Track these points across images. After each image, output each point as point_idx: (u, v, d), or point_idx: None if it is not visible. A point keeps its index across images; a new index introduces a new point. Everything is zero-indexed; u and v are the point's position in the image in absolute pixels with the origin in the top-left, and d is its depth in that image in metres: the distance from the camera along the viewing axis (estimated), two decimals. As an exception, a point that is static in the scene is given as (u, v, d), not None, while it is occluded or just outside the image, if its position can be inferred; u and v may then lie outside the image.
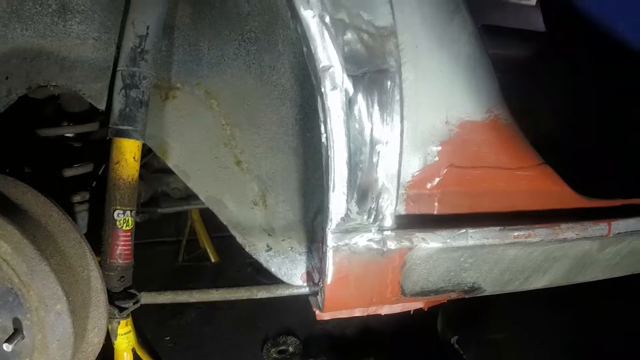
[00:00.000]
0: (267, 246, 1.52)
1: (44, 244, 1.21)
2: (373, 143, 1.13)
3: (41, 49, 1.31)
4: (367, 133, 1.12)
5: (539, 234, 1.33)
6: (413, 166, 1.22)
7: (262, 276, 2.42)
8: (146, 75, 1.29)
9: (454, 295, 1.48)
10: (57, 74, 1.33)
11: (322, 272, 1.27)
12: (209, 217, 2.60)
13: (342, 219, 1.19)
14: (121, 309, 1.44)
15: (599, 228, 1.39)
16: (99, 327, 1.38)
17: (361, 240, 1.22)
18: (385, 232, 1.23)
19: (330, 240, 1.21)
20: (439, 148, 1.23)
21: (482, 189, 1.30)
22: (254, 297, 1.57)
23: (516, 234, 1.31)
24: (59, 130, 1.59)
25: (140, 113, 1.31)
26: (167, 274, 2.55)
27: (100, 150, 1.65)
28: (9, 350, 1.18)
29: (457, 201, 1.29)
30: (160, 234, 2.82)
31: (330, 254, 1.22)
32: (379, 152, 1.14)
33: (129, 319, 1.60)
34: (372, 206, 1.19)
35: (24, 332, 1.17)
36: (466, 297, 1.53)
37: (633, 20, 1.75)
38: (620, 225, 1.42)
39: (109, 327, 1.50)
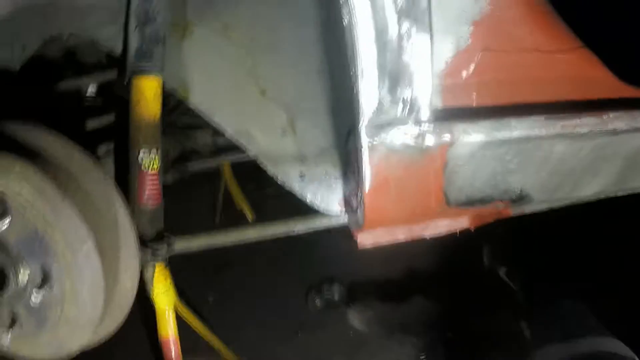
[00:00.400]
0: (301, 173, 1.47)
1: (67, 184, 1.17)
2: (400, 20, 1.07)
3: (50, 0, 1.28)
4: (392, 7, 1.06)
5: (586, 123, 1.24)
6: (445, 51, 1.15)
7: None
8: (160, 11, 1.26)
9: (501, 206, 1.40)
10: (70, 22, 1.32)
11: (359, 177, 1.21)
12: (243, 177, 2.56)
13: (375, 111, 1.13)
14: (155, 252, 1.40)
15: (650, 117, 1.30)
16: (131, 269, 1.33)
17: (397, 136, 1.16)
18: (423, 126, 1.16)
19: (364, 138, 1.14)
20: (472, 28, 1.16)
21: (520, 76, 1.23)
22: (292, 231, 1.53)
23: (563, 123, 1.23)
24: (78, 81, 1.56)
25: (158, 49, 1.28)
26: None
27: (122, 100, 1.63)
28: (39, 300, 1.14)
29: (495, 91, 1.22)
30: (194, 199, 2.77)
31: (365, 154, 1.16)
32: (407, 31, 1.08)
33: (168, 276, 1.55)
34: (406, 95, 1.13)
35: (53, 280, 1.13)
36: (515, 209, 1.46)
37: None
38: (672, 113, 1.33)
39: (145, 276, 1.46)
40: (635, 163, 1.41)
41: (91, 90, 1.61)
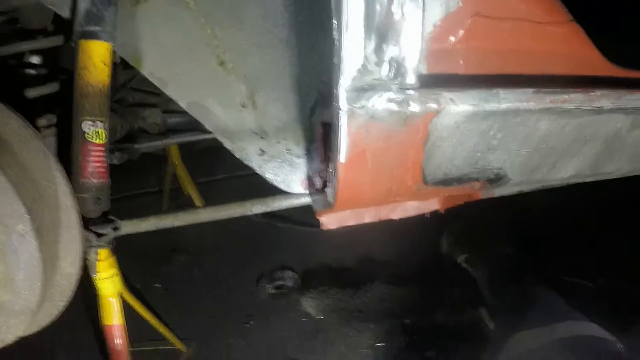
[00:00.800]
0: (260, 150, 1.37)
1: (0, 153, 1.05)
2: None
3: None
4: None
5: (574, 99, 1.19)
6: (434, 13, 1.07)
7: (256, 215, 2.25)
8: None
9: (477, 187, 1.34)
10: None
11: (333, 146, 1.11)
12: (191, 162, 2.44)
13: (359, 70, 1.03)
14: (99, 235, 1.28)
15: (635, 98, 1.26)
16: (72, 253, 1.21)
17: (380, 101, 1.06)
18: (408, 91, 1.07)
19: (344, 101, 1.04)
20: (463, -10, 1.08)
21: (510, 46, 1.16)
22: (248, 212, 1.43)
23: (551, 97, 1.17)
24: (19, 46, 1.41)
25: (109, 12, 1.19)
26: None
27: (66, 71, 1.49)
28: None
29: (484, 59, 1.15)
30: (141, 185, 2.66)
31: (344, 120, 1.06)
32: (399, -19, 0.98)
33: (114, 261, 1.42)
34: (393, 55, 1.03)
35: None
36: (490, 191, 1.40)
37: None
38: (657, 95, 1.30)
39: (87, 259, 1.33)
40: (612, 148, 1.39)
41: (36, 59, 1.45)
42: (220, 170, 2.66)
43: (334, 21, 1.00)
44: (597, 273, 1.95)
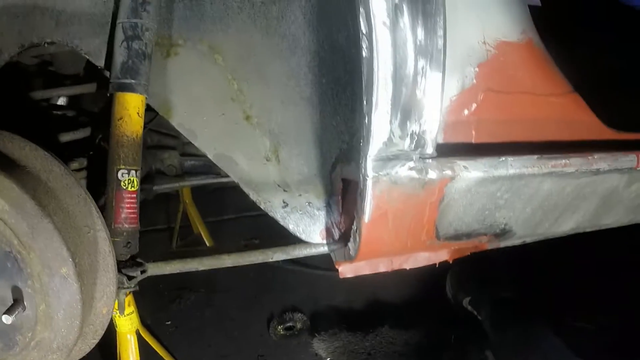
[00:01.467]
0: (283, 202, 1.48)
1: (46, 200, 1.12)
2: (417, 57, 1.12)
3: (34, 4, 1.26)
4: (411, 45, 1.10)
5: (574, 163, 1.33)
6: (451, 89, 1.21)
7: None
8: (149, 27, 1.26)
9: (484, 240, 1.47)
10: (53, 30, 1.28)
11: (359, 207, 1.24)
12: (201, 201, 2.55)
13: (385, 143, 1.16)
14: (129, 278, 1.37)
15: (629, 159, 1.41)
16: (107, 295, 1.29)
17: (403, 170, 1.19)
18: (427, 160, 1.21)
19: (371, 169, 1.17)
20: (477, 70, 1.22)
21: (517, 116, 1.30)
22: (270, 259, 1.52)
23: (553, 162, 1.31)
24: (54, 92, 1.52)
25: (144, 66, 1.27)
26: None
27: (96, 116, 1.60)
28: (9, 323, 1.09)
29: (493, 129, 1.29)
30: (151, 222, 2.74)
31: (369, 185, 1.19)
32: (422, 68, 1.13)
33: (132, 300, 1.52)
34: (415, 129, 1.17)
35: (25, 302, 1.08)
36: (496, 243, 1.53)
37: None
38: (650, 155, 1.45)
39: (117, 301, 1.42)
40: (609, 201, 1.53)
41: (62, 101, 1.56)
42: (230, 210, 2.77)
43: (365, 100, 1.13)
44: (596, 312, 2.06)
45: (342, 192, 1.40)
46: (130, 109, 1.28)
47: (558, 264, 2.25)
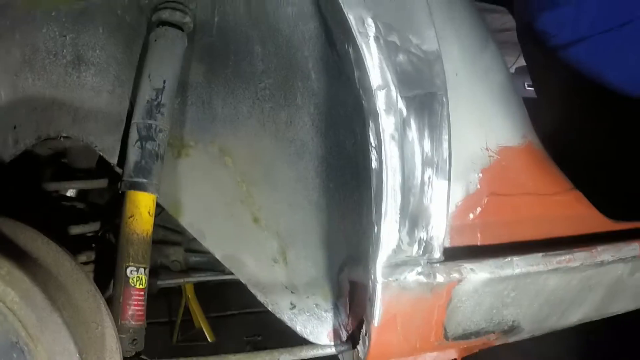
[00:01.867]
0: (291, 304, 1.50)
1: (56, 294, 1.13)
2: (424, 167, 1.15)
3: (53, 99, 1.31)
4: (419, 156, 1.14)
5: (578, 257, 1.36)
6: (456, 196, 1.25)
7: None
8: (162, 129, 1.31)
9: (492, 338, 1.48)
10: (69, 125, 1.34)
11: (368, 312, 1.25)
12: (203, 296, 2.55)
13: (394, 250, 1.19)
14: None
15: (632, 248, 1.44)
16: None
17: (411, 275, 1.22)
18: (435, 265, 1.23)
19: (380, 275, 1.20)
20: (480, 175, 1.27)
21: (521, 217, 1.34)
22: (277, 360, 1.53)
23: (558, 259, 1.34)
24: (66, 184, 1.55)
25: (156, 166, 1.31)
26: (162, 356, 2.46)
27: (103, 210, 1.62)
28: None
29: (498, 231, 1.32)
30: (152, 315, 2.72)
31: (379, 290, 1.21)
32: (429, 177, 1.16)
33: None
34: (423, 236, 1.20)
35: None
36: (504, 339, 1.54)
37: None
38: (649, 243, 1.49)
39: None
40: (615, 291, 1.55)
41: (71, 193, 1.60)
42: (232, 306, 2.78)
43: (374, 210, 1.16)
44: None
45: (350, 294, 1.42)
46: (142, 208, 1.30)
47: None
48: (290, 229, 1.48)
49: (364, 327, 1.31)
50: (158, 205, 1.45)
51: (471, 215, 1.27)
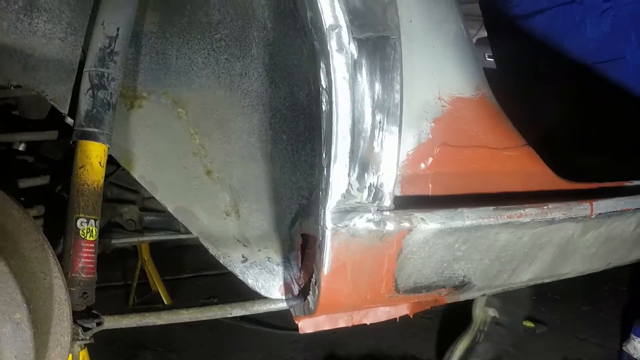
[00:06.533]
0: (243, 257, 1.56)
1: (2, 242, 1.17)
2: (375, 111, 1.23)
3: (3, 46, 1.32)
4: (369, 100, 1.21)
5: (529, 213, 1.46)
6: (407, 144, 1.33)
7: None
8: (115, 77, 1.34)
9: (443, 293, 1.58)
10: (20, 73, 1.35)
11: (317, 259, 1.32)
12: (159, 259, 2.61)
13: (343, 195, 1.26)
14: (85, 329, 1.40)
15: (583, 208, 1.55)
16: (61, 345, 1.31)
17: (361, 222, 1.29)
18: (385, 213, 1.31)
19: (330, 221, 1.26)
20: (432, 125, 1.35)
21: (472, 170, 1.43)
22: (228, 315, 1.60)
23: (509, 213, 1.43)
24: (16, 136, 1.58)
25: (108, 116, 1.35)
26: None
27: (56, 164, 1.65)
28: None
29: (449, 182, 1.40)
30: (108, 278, 2.79)
31: (328, 236, 1.28)
32: (379, 122, 1.24)
33: (87, 355, 1.56)
34: (373, 182, 1.28)
35: None
36: (456, 296, 1.64)
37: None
38: (601, 205, 1.60)
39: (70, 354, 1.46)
40: (566, 251, 1.66)
41: (22, 146, 1.62)
42: (188, 269, 2.85)
43: (324, 153, 1.23)
44: None
45: (301, 248, 1.49)
46: (92, 158, 1.34)
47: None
48: (243, 182, 1.54)
49: (313, 276, 1.38)
50: (113, 163, 1.50)
51: (423, 165, 1.35)
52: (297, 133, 1.47)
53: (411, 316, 1.66)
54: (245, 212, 1.56)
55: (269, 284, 1.57)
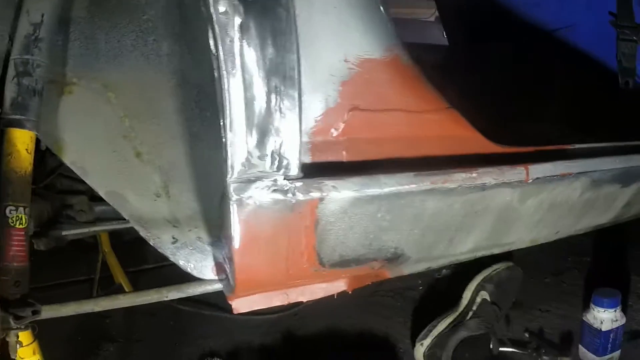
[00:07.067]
0: (173, 238, 1.55)
1: None
2: (269, 75, 1.19)
3: None
4: (262, 64, 1.18)
5: (456, 179, 1.41)
6: (315, 110, 1.29)
7: (185, 304, 2.51)
8: (40, 64, 1.33)
9: (377, 266, 1.54)
10: None
11: (227, 235, 1.30)
12: (121, 251, 2.63)
13: (244, 164, 1.23)
14: (17, 317, 1.39)
15: (517, 172, 1.50)
16: None
17: (266, 191, 1.26)
18: (293, 182, 1.28)
19: (233, 192, 1.24)
20: (340, 89, 1.30)
21: (390, 135, 1.38)
22: (165, 298, 1.60)
23: (432, 179, 1.39)
24: None
25: (34, 102, 1.34)
26: (82, 314, 2.53)
27: None
28: None
29: (365, 148, 1.36)
30: (71, 274, 2.82)
31: (234, 209, 1.25)
32: (275, 87, 1.21)
33: (37, 347, 1.55)
34: (274, 150, 1.24)
35: None
36: (396, 269, 1.60)
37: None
38: (538, 169, 1.54)
39: (8, 342, 1.45)
40: (506, 219, 1.61)
41: None
42: (151, 259, 2.86)
43: (221, 123, 1.21)
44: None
45: (229, 225, 1.47)
46: (19, 145, 1.33)
47: None
48: (173, 162, 1.53)
49: (226, 251, 1.36)
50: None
51: (334, 131, 1.32)
52: (217, 109, 1.45)
53: (350, 292, 1.62)
54: (175, 193, 1.55)
55: (201, 264, 1.56)
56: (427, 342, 2.11)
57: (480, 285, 2.27)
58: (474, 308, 2.21)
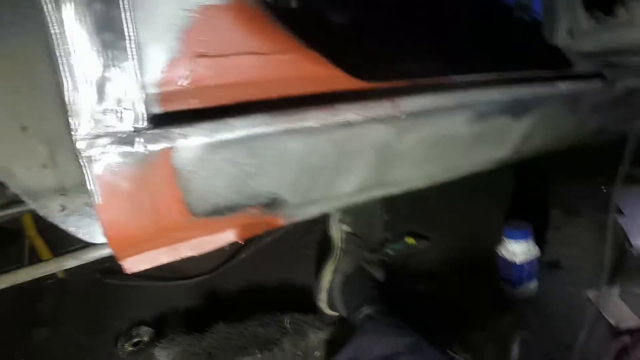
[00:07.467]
0: (61, 206, 1.59)
1: None
2: (99, 30, 1.21)
3: None
4: (91, 19, 1.19)
5: (313, 117, 1.43)
6: (159, 61, 1.31)
7: (113, 278, 2.63)
8: None
9: (256, 212, 1.57)
10: None
11: (89, 193, 1.33)
12: (50, 235, 2.67)
13: (89, 120, 1.26)
14: None
15: (382, 106, 1.51)
16: None
17: (115, 146, 1.29)
18: (140, 133, 1.30)
19: (82, 149, 1.27)
20: (183, 37, 1.32)
21: (242, 79, 1.40)
22: (63, 267, 1.68)
23: (287, 118, 1.41)
24: None
25: None
26: (11, 300, 2.58)
27: None
28: None
29: (218, 95, 1.37)
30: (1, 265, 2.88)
31: (87, 166, 1.29)
32: (109, 41, 1.23)
33: None
34: (117, 103, 1.27)
35: None
36: (276, 215, 1.62)
37: None
38: (409, 103, 1.55)
39: None
40: (386, 157, 1.63)
41: None
42: (79, 240, 2.91)
43: (59, 79, 1.23)
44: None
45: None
46: None
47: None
48: (58, 133, 1.55)
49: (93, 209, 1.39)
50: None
51: (182, 81, 1.33)
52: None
53: (241, 242, 1.65)
54: (62, 162, 1.59)
55: (90, 229, 1.61)
56: (323, 297, 2.17)
57: (341, 220, 2.31)
58: (343, 246, 2.26)
